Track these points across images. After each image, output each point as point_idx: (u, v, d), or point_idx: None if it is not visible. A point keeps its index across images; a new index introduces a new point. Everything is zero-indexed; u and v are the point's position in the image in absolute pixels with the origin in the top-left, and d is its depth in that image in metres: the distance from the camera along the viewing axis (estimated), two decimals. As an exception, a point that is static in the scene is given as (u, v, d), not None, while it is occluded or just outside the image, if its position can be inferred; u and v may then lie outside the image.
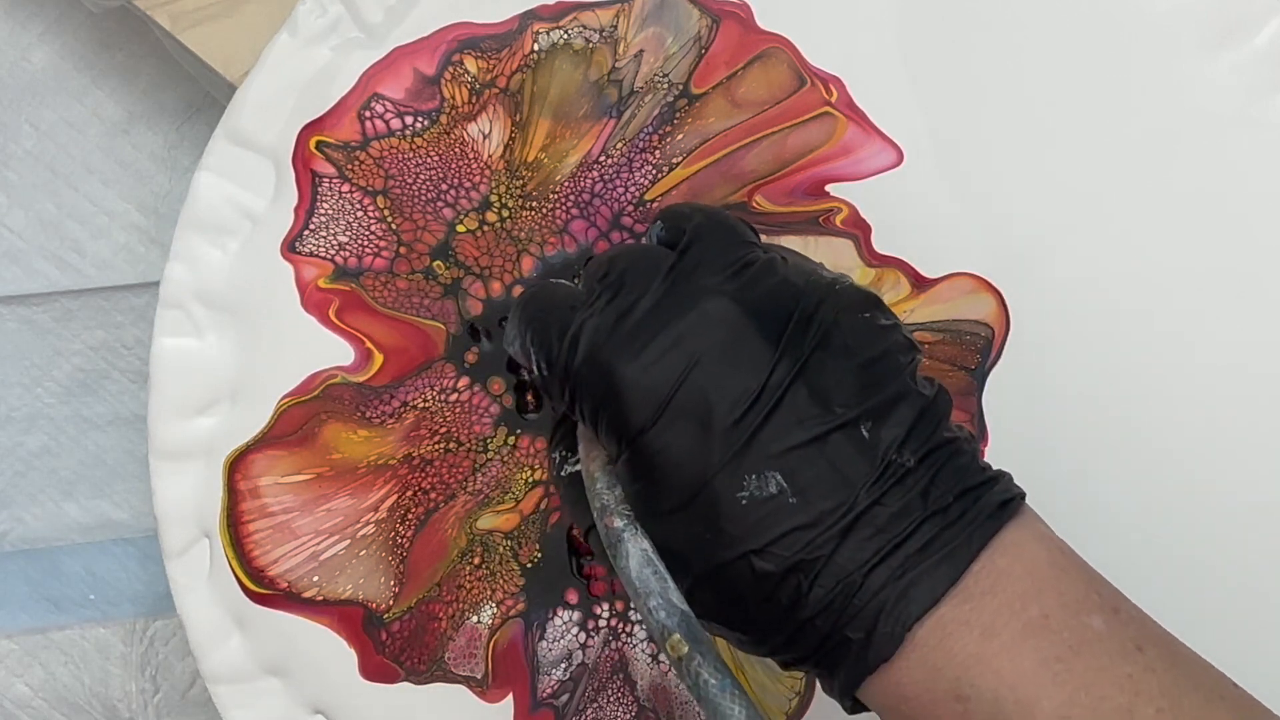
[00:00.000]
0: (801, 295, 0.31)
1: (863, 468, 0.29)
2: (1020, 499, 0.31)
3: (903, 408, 0.30)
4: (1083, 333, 0.42)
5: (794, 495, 0.29)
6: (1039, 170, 0.43)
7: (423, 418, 0.43)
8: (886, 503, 0.29)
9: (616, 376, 0.30)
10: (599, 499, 0.31)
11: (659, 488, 0.30)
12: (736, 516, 0.29)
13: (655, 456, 0.30)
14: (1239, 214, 0.43)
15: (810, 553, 0.29)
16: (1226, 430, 0.42)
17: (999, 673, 0.28)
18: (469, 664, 0.42)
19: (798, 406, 0.29)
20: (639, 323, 0.31)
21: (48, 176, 0.52)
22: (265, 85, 0.43)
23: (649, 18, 0.43)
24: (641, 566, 0.30)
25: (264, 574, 0.42)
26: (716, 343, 0.30)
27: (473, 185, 0.43)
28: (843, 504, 0.29)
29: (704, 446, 0.29)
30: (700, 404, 0.30)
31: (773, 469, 0.29)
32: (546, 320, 0.33)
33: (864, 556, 0.29)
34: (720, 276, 0.31)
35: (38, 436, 0.52)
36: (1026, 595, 0.29)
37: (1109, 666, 0.28)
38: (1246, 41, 0.43)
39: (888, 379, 0.30)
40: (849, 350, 0.30)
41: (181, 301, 0.43)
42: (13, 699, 0.52)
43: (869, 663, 0.29)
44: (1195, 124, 0.43)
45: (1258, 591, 0.42)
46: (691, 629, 0.29)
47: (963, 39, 0.43)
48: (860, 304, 0.32)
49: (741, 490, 0.29)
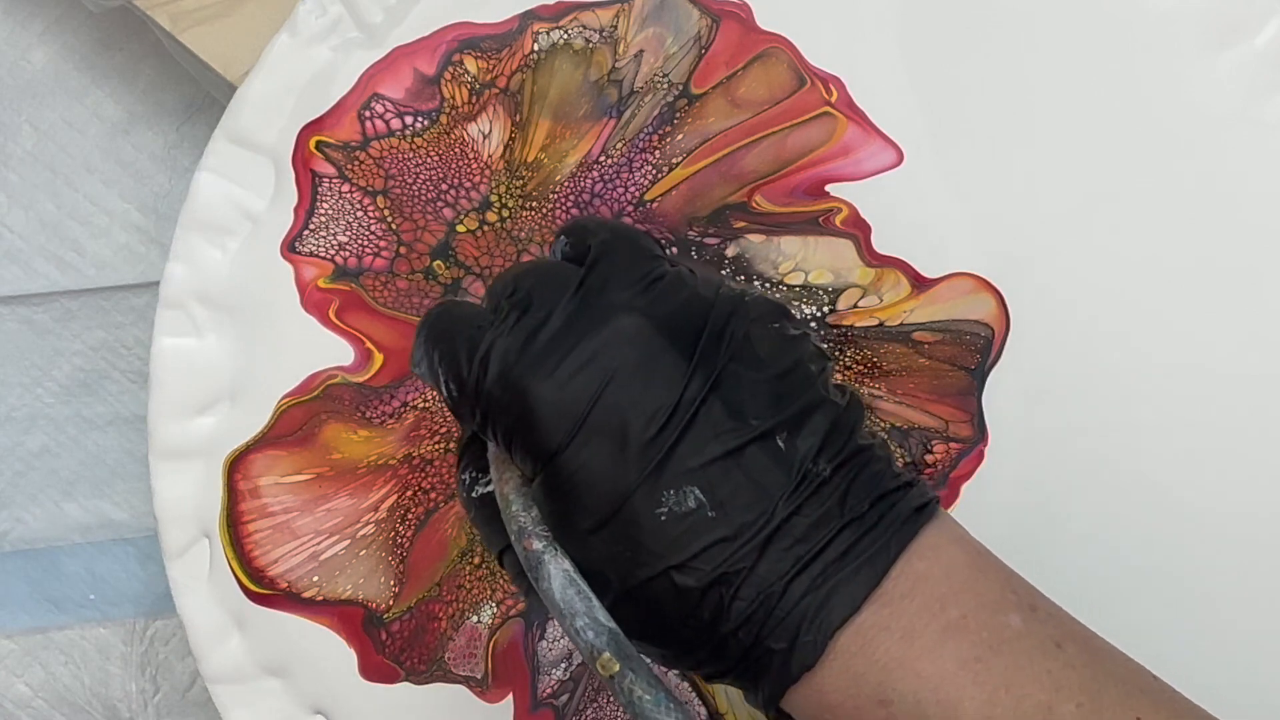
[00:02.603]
0: (712, 309, 0.31)
1: (780, 478, 0.29)
2: (935, 503, 0.31)
3: (817, 417, 0.30)
4: (1083, 333, 0.42)
5: (713, 509, 0.29)
6: (1039, 170, 0.43)
7: (423, 418, 0.43)
8: (804, 512, 0.29)
9: (530, 395, 0.30)
10: (515, 521, 0.31)
11: (577, 507, 0.30)
12: (656, 533, 0.29)
13: (572, 475, 0.30)
14: (1239, 214, 0.42)
15: (731, 566, 0.29)
16: (1227, 430, 0.42)
17: (920, 675, 0.28)
18: (469, 664, 0.42)
19: (713, 420, 0.29)
20: (551, 340, 0.30)
21: (48, 176, 0.52)
22: (265, 85, 0.43)
23: (649, 18, 0.43)
24: (565, 587, 0.29)
25: (264, 574, 0.42)
26: (630, 359, 0.30)
27: (473, 185, 0.43)
28: (761, 515, 0.29)
29: (621, 464, 0.29)
30: (616, 421, 0.29)
31: (691, 484, 0.29)
32: (453, 340, 0.32)
33: (784, 567, 0.29)
34: (630, 292, 0.31)
35: (38, 436, 0.52)
36: (945, 597, 0.29)
37: (1028, 664, 0.28)
38: (1246, 41, 0.43)
39: (801, 389, 0.30)
40: (761, 362, 0.30)
41: (181, 301, 0.43)
42: (13, 699, 0.52)
43: (792, 672, 0.29)
44: (1195, 124, 0.43)
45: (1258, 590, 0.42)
46: (620, 646, 0.29)
47: (963, 39, 0.43)
48: (770, 315, 0.31)
49: (660, 506, 0.29)
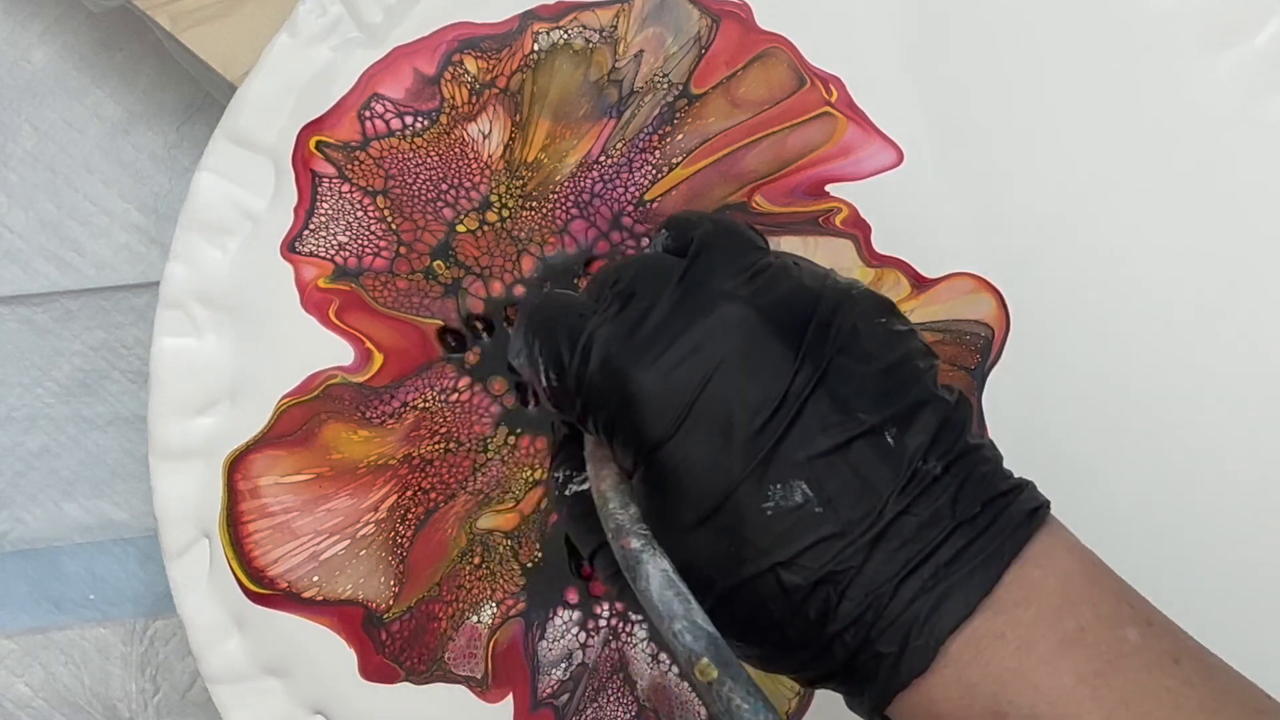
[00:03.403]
0: (818, 300, 0.30)
1: (889, 475, 0.28)
2: (1046, 507, 0.30)
3: (926, 414, 0.29)
4: (1082, 332, 0.42)
5: (820, 504, 0.28)
6: (1039, 170, 0.43)
7: (423, 418, 0.43)
8: (914, 511, 0.28)
9: (633, 384, 0.29)
10: (613, 519, 0.30)
11: (679, 500, 0.29)
12: (762, 527, 0.28)
13: (675, 468, 0.29)
14: (1239, 214, 0.42)
15: (839, 564, 0.28)
16: (1227, 429, 0.42)
17: (1037, 688, 0.27)
18: (469, 664, 0.42)
19: (820, 413, 0.29)
20: (655, 329, 0.30)
21: (48, 176, 0.52)
22: (265, 85, 0.43)
23: (649, 18, 0.43)
24: (663, 589, 0.28)
25: (264, 574, 0.42)
26: (735, 349, 0.29)
27: (473, 185, 0.43)
28: (870, 513, 0.28)
29: (726, 455, 0.28)
30: (721, 412, 0.29)
31: (797, 478, 0.28)
32: (555, 329, 0.31)
33: (894, 568, 0.28)
34: (735, 281, 0.30)
35: (38, 436, 0.52)
36: (1061, 607, 0.28)
37: (1147, 681, 0.28)
38: (1246, 41, 0.43)
39: (909, 385, 0.30)
40: (869, 356, 0.30)
41: (181, 301, 0.43)
42: (13, 699, 0.52)
43: (901, 678, 0.28)
44: (1195, 124, 0.43)
45: (1258, 590, 0.42)
46: (720, 652, 0.28)
47: (962, 39, 0.43)
48: (877, 308, 0.31)
49: (766, 501, 0.28)
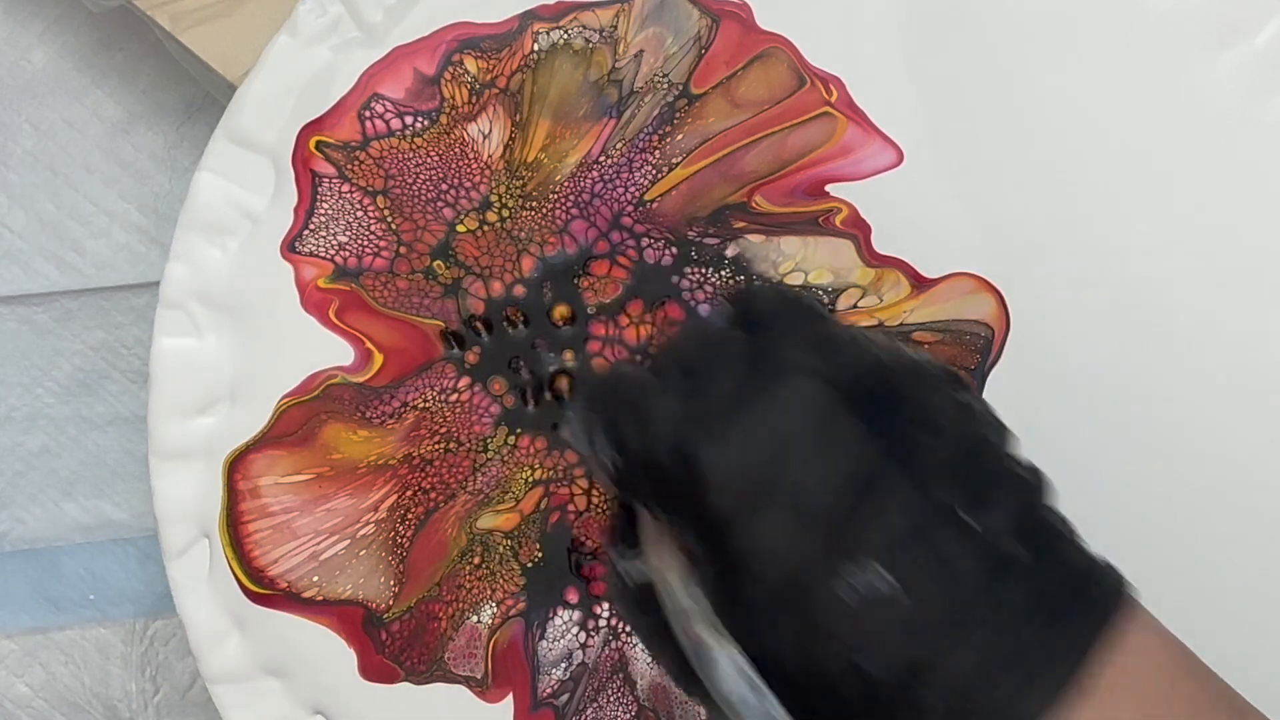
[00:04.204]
0: (889, 373, 0.29)
1: (969, 558, 0.27)
2: (1125, 585, 0.28)
3: (1004, 492, 0.28)
4: (1082, 333, 0.42)
5: (899, 589, 0.26)
6: (1039, 170, 0.43)
7: (423, 418, 0.43)
8: (997, 596, 0.27)
9: (701, 463, 0.28)
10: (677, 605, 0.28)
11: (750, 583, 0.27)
12: (838, 612, 0.27)
13: (745, 549, 0.27)
14: (1239, 214, 0.42)
15: (922, 653, 0.26)
16: (1227, 429, 0.42)
17: None
18: (469, 664, 0.42)
19: (895, 491, 0.27)
20: (722, 405, 0.28)
21: (48, 176, 0.52)
22: (265, 85, 0.43)
23: (649, 18, 0.43)
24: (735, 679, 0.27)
25: (264, 574, 0.42)
26: (805, 423, 0.28)
27: (473, 185, 0.43)
28: (952, 598, 0.26)
29: (799, 537, 0.27)
30: (793, 491, 0.27)
31: (874, 560, 0.27)
32: (618, 407, 0.30)
33: (978, 656, 0.26)
34: (801, 352, 0.29)
35: (38, 436, 0.52)
36: (1154, 699, 0.27)
37: None
38: (1246, 41, 0.43)
39: (985, 461, 0.28)
40: (941, 429, 0.28)
41: (181, 301, 0.43)
42: (13, 699, 0.52)
43: None
44: (1195, 124, 0.43)
45: (1258, 590, 0.42)
46: None
47: (963, 39, 0.43)
48: (948, 380, 0.29)
49: (842, 584, 0.27)
